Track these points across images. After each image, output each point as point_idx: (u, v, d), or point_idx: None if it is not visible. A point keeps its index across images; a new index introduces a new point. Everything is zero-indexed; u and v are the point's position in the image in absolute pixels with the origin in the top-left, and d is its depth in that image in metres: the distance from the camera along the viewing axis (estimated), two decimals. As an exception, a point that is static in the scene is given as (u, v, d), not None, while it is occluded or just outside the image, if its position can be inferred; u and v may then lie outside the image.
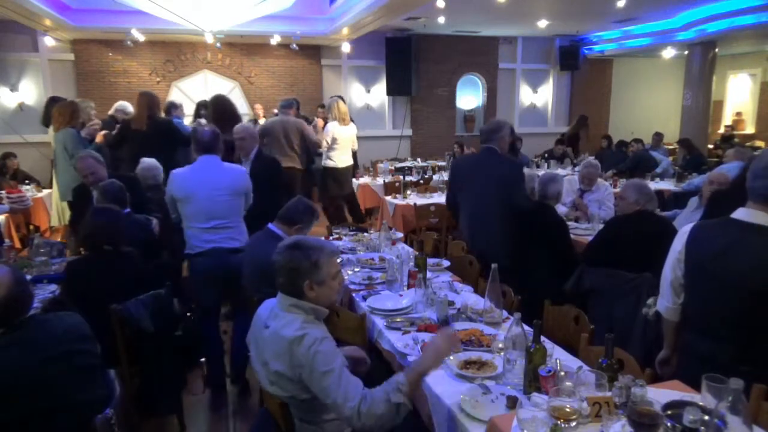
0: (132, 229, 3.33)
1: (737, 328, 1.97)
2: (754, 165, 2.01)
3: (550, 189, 3.89)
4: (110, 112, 6.62)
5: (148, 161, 4.47)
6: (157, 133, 4.57)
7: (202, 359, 3.42)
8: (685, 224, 4.36)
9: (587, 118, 11.17)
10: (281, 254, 1.97)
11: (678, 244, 2.16)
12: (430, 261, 3.46)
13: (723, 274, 1.98)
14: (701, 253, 2.07)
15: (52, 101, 6.73)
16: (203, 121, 5.31)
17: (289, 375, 1.86)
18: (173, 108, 6.28)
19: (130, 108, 6.36)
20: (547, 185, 3.88)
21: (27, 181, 7.14)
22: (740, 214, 2.03)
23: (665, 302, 2.24)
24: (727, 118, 13.61)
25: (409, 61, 10.55)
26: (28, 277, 3.40)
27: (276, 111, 6.73)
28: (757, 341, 1.94)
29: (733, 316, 1.97)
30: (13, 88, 9.24)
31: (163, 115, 5.92)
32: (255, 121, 8.60)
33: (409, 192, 6.53)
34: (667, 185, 7.29)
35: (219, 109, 5.06)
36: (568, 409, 1.59)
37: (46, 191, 7.07)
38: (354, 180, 8.11)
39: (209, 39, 8.20)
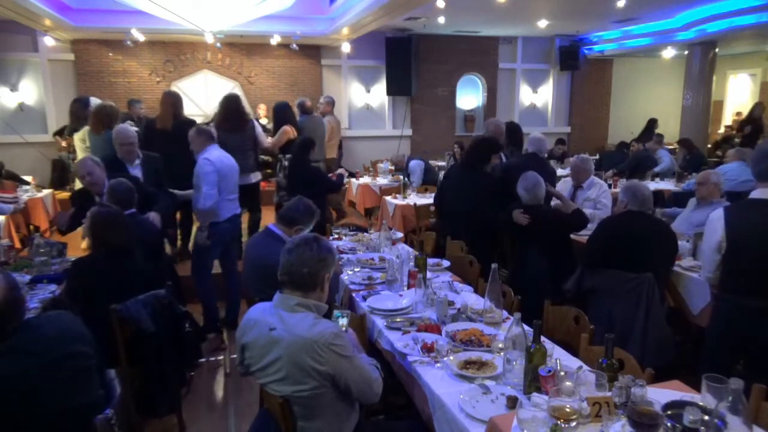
0: (136, 229, 3.31)
1: None
2: (755, 153, 2.56)
3: (538, 192, 3.88)
4: None
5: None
6: (182, 133, 4.57)
7: (201, 359, 3.46)
8: (684, 224, 4.39)
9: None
10: (306, 247, 2.01)
11: (716, 232, 2.67)
12: (430, 261, 3.46)
13: (759, 243, 2.53)
14: (740, 229, 2.61)
15: (77, 103, 6.64)
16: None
17: (312, 369, 1.86)
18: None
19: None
20: (534, 189, 3.87)
21: (24, 182, 7.13)
22: (757, 194, 2.59)
23: (707, 274, 2.83)
24: (727, 118, 13.59)
25: (409, 61, 10.52)
26: (28, 277, 3.41)
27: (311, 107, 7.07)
28: None
29: None
30: (13, 88, 9.24)
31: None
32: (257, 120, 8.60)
33: (409, 192, 6.53)
34: (667, 185, 7.29)
35: (227, 107, 5.27)
36: (568, 409, 1.60)
37: (46, 191, 7.08)
38: (354, 180, 8.11)
39: (209, 39, 8.19)
